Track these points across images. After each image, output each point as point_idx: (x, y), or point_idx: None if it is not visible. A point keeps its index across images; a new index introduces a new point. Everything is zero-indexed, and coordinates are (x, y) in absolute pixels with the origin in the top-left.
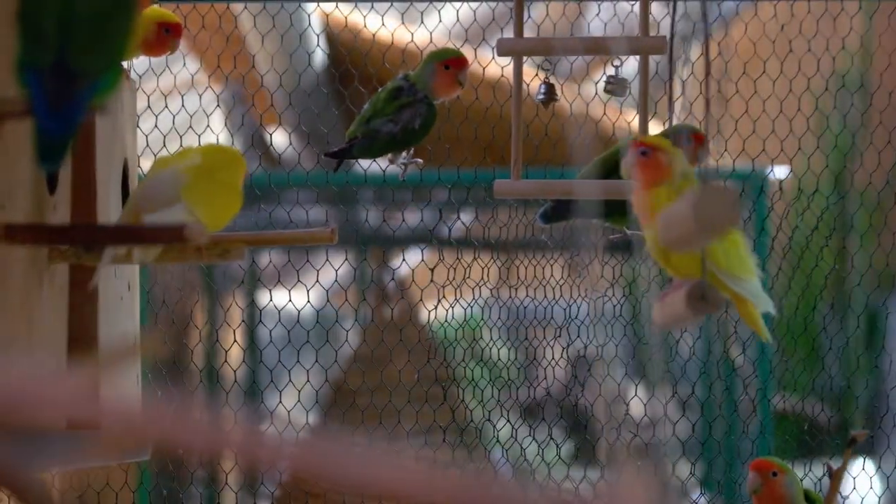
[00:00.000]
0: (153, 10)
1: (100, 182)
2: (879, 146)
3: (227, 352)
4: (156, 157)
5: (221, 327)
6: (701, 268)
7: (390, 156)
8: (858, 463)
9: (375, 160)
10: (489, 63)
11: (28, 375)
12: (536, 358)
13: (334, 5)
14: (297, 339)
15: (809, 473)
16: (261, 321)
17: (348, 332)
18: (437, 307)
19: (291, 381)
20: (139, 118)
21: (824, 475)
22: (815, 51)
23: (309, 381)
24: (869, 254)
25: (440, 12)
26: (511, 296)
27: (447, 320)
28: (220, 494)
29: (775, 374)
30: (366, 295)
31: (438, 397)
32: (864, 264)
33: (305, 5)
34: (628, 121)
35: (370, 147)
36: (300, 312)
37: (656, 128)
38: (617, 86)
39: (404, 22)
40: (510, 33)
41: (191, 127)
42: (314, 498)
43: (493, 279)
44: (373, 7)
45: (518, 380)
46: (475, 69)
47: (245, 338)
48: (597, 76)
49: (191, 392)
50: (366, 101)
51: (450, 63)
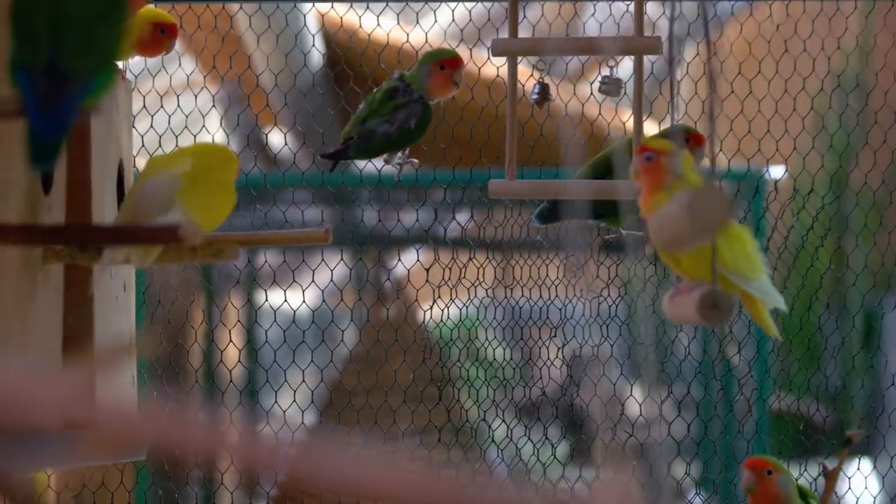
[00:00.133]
0: (148, 11)
1: (95, 182)
2: (875, 146)
3: (223, 352)
4: (150, 157)
5: (218, 327)
6: (710, 271)
7: (386, 156)
8: (855, 463)
9: (371, 160)
10: (484, 63)
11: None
12: (532, 358)
13: (330, 5)
14: (295, 340)
15: (805, 473)
16: (256, 321)
17: (343, 332)
18: (433, 307)
19: (287, 381)
20: (135, 118)
21: (820, 475)
22: (811, 51)
23: (304, 381)
24: (865, 254)
25: (436, 13)
26: (507, 296)
27: (442, 320)
28: (217, 494)
29: (771, 374)
30: (361, 295)
31: (435, 397)
32: (861, 264)
33: (301, 5)
34: (623, 121)
35: (366, 147)
36: (296, 312)
37: (652, 128)
38: (611, 86)
39: (400, 22)
40: (505, 33)
41: (186, 127)
42: (311, 498)
43: (489, 279)
44: (368, 7)
45: (514, 380)
46: (470, 69)
47: (242, 338)
48: (592, 76)
49: (187, 392)
50: (361, 102)
51: (445, 63)
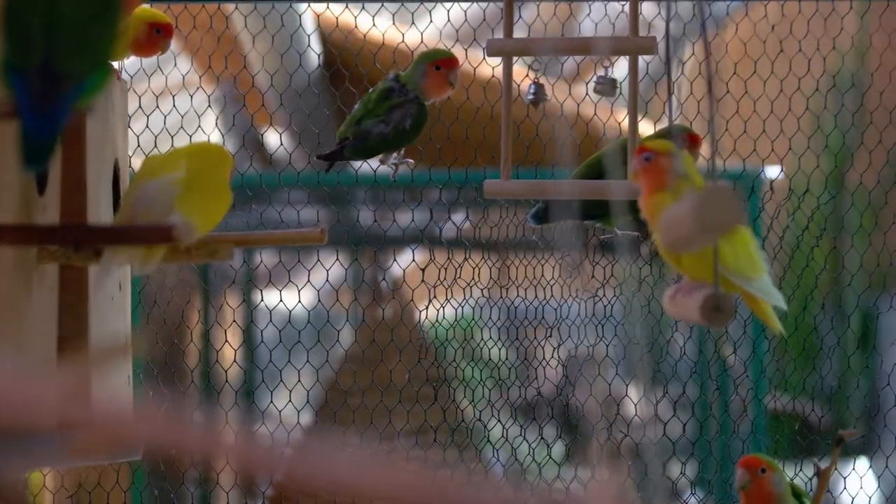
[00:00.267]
0: (144, 11)
1: (90, 183)
2: (871, 146)
3: (219, 352)
4: (145, 158)
5: (213, 327)
6: (713, 272)
7: (381, 156)
8: (854, 463)
9: (367, 161)
10: (480, 63)
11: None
12: (528, 358)
13: (325, 6)
14: (291, 340)
15: (801, 473)
16: (252, 321)
17: (339, 332)
18: (429, 307)
19: (283, 381)
20: (130, 119)
21: (815, 475)
22: (807, 51)
23: (300, 382)
24: (861, 254)
25: (431, 13)
26: (502, 296)
27: (437, 320)
28: (213, 494)
29: (767, 374)
30: (357, 295)
31: (431, 397)
32: (856, 264)
33: (297, 5)
34: (619, 121)
35: (361, 148)
36: (291, 312)
37: (647, 128)
38: (606, 86)
39: (396, 22)
40: (501, 34)
41: (182, 128)
42: (307, 498)
43: (485, 279)
44: (364, 7)
45: (509, 380)
46: (466, 69)
47: (238, 338)
48: (588, 77)
49: (183, 392)
50: (357, 102)
51: (440, 64)
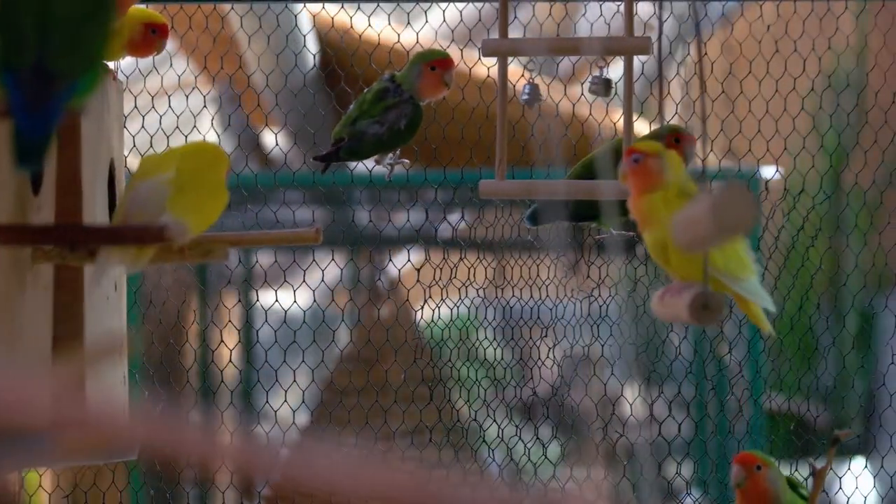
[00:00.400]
0: (139, 11)
1: (85, 183)
2: (866, 146)
3: (214, 352)
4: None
5: (209, 327)
6: (702, 271)
7: (377, 156)
8: (852, 463)
9: (362, 161)
10: (475, 63)
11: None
12: (523, 358)
13: (321, 6)
14: (288, 340)
15: (796, 473)
16: (248, 321)
17: (334, 332)
18: (425, 307)
19: (278, 382)
20: (126, 119)
21: (811, 475)
22: (802, 51)
23: (295, 382)
24: (856, 254)
25: (427, 13)
26: (497, 296)
27: (433, 320)
28: (209, 494)
29: (762, 374)
30: (353, 295)
31: (426, 397)
32: (852, 264)
33: (292, 6)
34: (614, 121)
35: (357, 149)
36: (287, 312)
37: (643, 128)
38: (600, 86)
39: (391, 22)
40: (496, 34)
41: (178, 128)
42: (303, 498)
43: (480, 279)
44: (359, 7)
45: (505, 380)
46: (461, 70)
47: (234, 338)
48: (584, 77)
49: (179, 392)
50: (352, 102)
51: (436, 64)
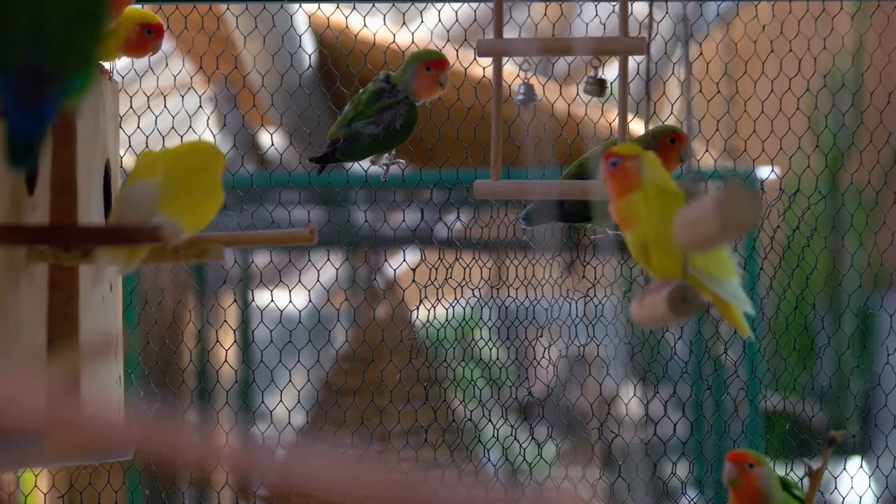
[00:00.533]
0: (135, 11)
1: (80, 183)
2: (861, 146)
3: (210, 352)
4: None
5: (206, 327)
6: (681, 269)
7: (372, 157)
8: (848, 463)
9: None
10: (471, 64)
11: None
12: (519, 358)
13: (317, 6)
14: (284, 340)
15: (792, 473)
16: (244, 321)
17: (330, 332)
18: (421, 307)
19: (274, 382)
20: (122, 119)
21: (806, 475)
22: (798, 51)
23: (291, 382)
24: (853, 254)
25: (422, 13)
26: (493, 296)
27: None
28: (206, 494)
29: (759, 374)
30: (349, 295)
31: (422, 397)
32: (848, 264)
33: (288, 6)
34: (610, 121)
35: (352, 149)
36: (283, 312)
37: (638, 128)
38: (595, 86)
39: (387, 23)
40: (492, 34)
41: (174, 128)
42: (299, 498)
43: (476, 279)
44: (355, 8)
45: (501, 380)
46: (457, 70)
47: (231, 338)
48: (581, 77)
49: (175, 392)
50: (348, 102)
51: (431, 64)
